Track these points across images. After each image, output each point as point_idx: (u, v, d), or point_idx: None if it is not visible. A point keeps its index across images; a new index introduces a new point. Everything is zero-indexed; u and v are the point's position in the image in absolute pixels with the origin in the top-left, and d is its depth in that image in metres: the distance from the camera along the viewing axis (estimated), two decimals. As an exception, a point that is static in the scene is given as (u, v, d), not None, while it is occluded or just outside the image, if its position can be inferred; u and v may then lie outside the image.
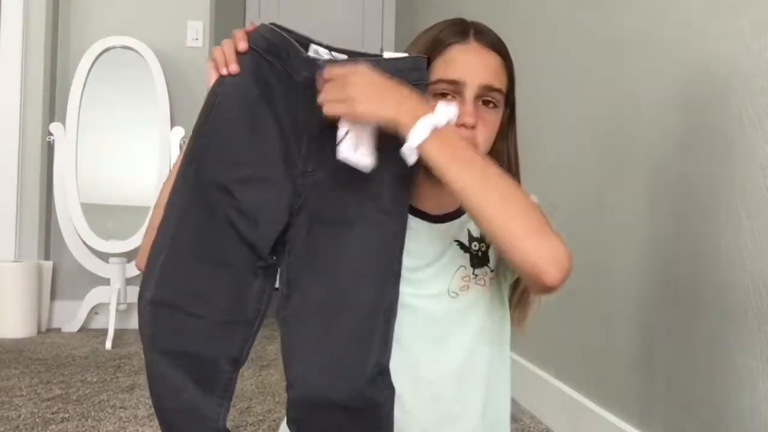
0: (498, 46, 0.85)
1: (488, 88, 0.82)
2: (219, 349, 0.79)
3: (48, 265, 2.77)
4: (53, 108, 2.87)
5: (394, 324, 0.79)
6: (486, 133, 0.83)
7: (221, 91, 0.81)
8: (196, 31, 2.95)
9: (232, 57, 0.80)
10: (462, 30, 0.84)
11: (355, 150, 0.73)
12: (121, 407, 1.65)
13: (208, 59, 0.83)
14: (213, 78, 0.82)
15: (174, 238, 0.79)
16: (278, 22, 0.83)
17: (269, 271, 0.81)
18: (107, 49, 2.78)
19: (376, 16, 4.14)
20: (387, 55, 0.81)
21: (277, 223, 0.79)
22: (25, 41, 2.76)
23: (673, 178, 1.16)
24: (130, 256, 2.70)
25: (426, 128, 0.70)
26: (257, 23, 0.84)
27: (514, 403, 1.76)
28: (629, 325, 1.29)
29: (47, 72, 2.81)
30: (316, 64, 0.77)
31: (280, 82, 0.80)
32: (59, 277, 2.84)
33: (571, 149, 1.59)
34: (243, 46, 0.81)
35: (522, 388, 1.74)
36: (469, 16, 0.90)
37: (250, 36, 0.82)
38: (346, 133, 0.73)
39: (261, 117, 0.80)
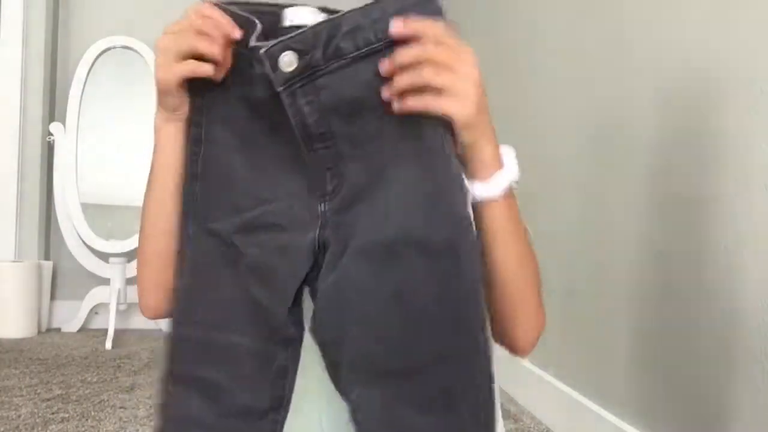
0: None
1: None
2: None
3: (48, 265, 2.77)
4: (53, 108, 2.87)
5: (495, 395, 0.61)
6: None
7: (206, 117, 0.62)
8: (196, 31, 2.94)
9: (220, 50, 0.57)
10: None
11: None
12: (121, 407, 1.65)
13: (161, 53, 0.60)
14: (172, 82, 0.59)
15: (188, 303, 0.63)
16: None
17: (292, 344, 0.61)
18: (107, 49, 2.78)
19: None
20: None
21: (295, 278, 0.59)
22: (25, 41, 2.76)
23: (672, 179, 1.16)
24: (130, 256, 2.70)
25: (506, 180, 0.60)
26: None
27: (515, 403, 1.76)
28: (629, 325, 1.29)
29: (47, 72, 2.81)
30: (265, 53, 0.55)
31: (255, 81, 0.59)
32: (59, 277, 2.84)
33: (571, 150, 1.59)
34: (237, 33, 0.57)
35: (522, 388, 1.74)
36: (469, 14, 0.90)
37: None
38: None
39: (256, 136, 0.61)
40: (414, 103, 0.54)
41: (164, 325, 2.71)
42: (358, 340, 0.58)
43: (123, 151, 2.84)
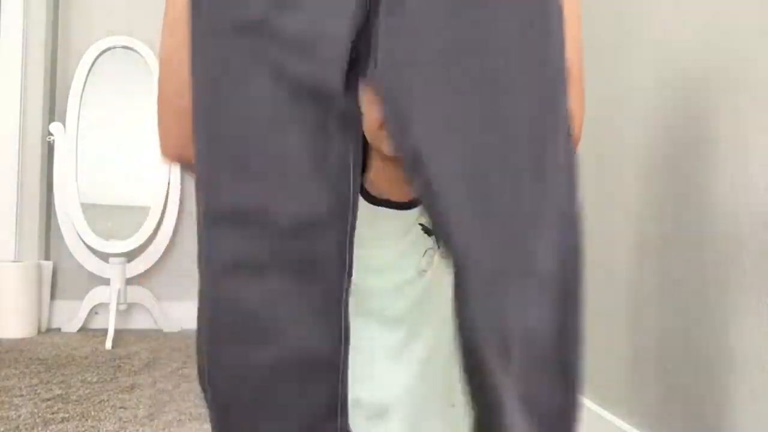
0: None
1: None
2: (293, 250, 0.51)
3: (48, 265, 2.77)
4: (53, 108, 2.87)
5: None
6: None
7: None
8: (196, 31, 2.94)
9: None
10: None
11: None
12: (121, 407, 1.65)
13: None
14: None
15: (208, 115, 0.53)
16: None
17: (352, 126, 0.53)
18: (107, 49, 2.79)
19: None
20: None
21: (345, 36, 0.51)
22: (25, 41, 2.76)
23: (672, 178, 1.16)
24: (130, 256, 2.70)
25: None
26: None
27: (514, 403, 1.76)
28: (628, 325, 1.29)
29: (47, 72, 2.81)
30: None
31: None
32: (59, 277, 2.84)
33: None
34: None
35: (522, 388, 1.74)
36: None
37: None
38: None
39: None
40: None
41: (165, 326, 2.65)
42: (432, 82, 0.50)
43: (123, 151, 2.84)
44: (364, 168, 0.86)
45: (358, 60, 0.51)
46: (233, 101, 0.52)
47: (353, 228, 0.53)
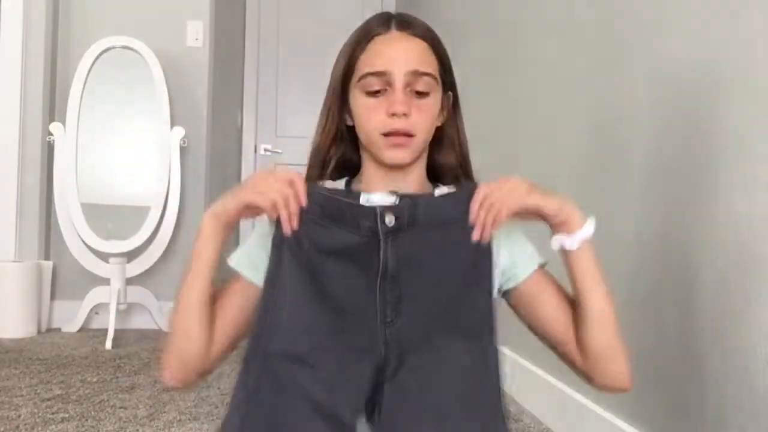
0: (421, 32, 0.85)
1: (416, 74, 0.81)
2: None
3: (48, 265, 2.77)
4: (53, 108, 2.87)
5: None
6: (422, 120, 0.82)
7: (283, 259, 0.78)
8: (196, 31, 2.95)
9: (295, 212, 0.76)
10: (384, 21, 0.86)
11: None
12: (121, 407, 1.65)
13: (268, 201, 0.76)
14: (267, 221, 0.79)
15: (247, 417, 0.75)
16: (277, 22, 0.78)
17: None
18: (107, 49, 2.79)
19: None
20: (438, 192, 0.86)
21: (361, 385, 0.74)
22: (25, 41, 2.76)
23: (672, 179, 1.16)
24: (130, 256, 2.71)
25: (592, 226, 0.84)
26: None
27: (515, 402, 1.76)
28: (628, 326, 1.29)
29: (47, 72, 2.82)
30: (375, 211, 0.77)
31: (336, 242, 0.78)
32: (59, 277, 2.84)
33: (571, 151, 1.59)
34: (301, 202, 0.77)
35: (522, 389, 1.74)
36: (466, 18, 0.90)
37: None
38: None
39: (327, 280, 0.78)
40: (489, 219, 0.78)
41: (166, 327, 2.67)
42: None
43: (123, 151, 2.84)
44: (358, 170, 0.88)
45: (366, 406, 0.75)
46: (266, 409, 0.74)
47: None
